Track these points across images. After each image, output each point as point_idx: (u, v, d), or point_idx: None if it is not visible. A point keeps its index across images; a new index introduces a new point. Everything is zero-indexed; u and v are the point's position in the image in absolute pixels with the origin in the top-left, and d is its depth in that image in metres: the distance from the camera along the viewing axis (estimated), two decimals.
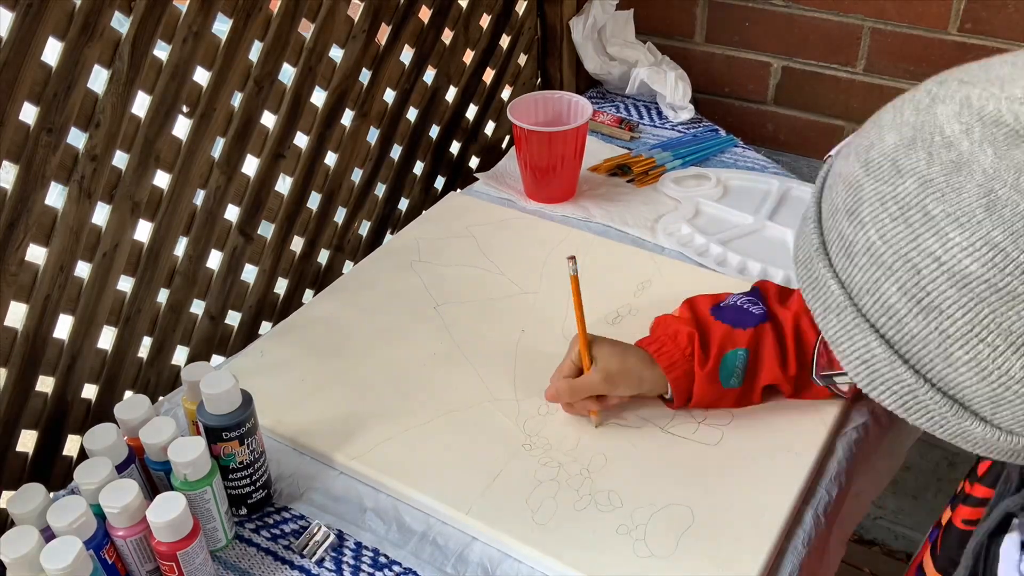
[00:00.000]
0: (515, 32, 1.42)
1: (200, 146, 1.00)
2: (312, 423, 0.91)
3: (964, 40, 1.27)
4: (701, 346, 0.86)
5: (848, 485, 0.87)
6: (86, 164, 0.89)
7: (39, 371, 0.91)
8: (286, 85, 1.08)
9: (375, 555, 0.80)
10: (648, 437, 0.88)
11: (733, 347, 0.86)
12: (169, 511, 0.71)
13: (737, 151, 1.35)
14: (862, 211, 0.49)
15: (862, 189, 0.49)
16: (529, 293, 1.07)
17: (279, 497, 0.86)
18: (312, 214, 1.20)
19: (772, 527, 0.79)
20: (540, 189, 1.24)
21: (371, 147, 1.25)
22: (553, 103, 1.25)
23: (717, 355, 0.86)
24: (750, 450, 0.86)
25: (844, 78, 1.39)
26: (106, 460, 0.75)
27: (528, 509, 0.81)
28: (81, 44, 0.84)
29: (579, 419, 0.90)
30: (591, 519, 0.80)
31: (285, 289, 1.20)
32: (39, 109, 0.84)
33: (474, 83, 1.39)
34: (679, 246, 1.15)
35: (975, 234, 0.44)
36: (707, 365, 0.85)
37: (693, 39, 1.48)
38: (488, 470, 0.85)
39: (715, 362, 0.86)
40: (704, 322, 0.88)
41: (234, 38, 0.99)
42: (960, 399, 0.49)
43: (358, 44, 1.15)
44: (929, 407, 0.49)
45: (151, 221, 0.99)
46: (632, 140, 1.39)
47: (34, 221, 0.86)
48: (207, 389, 0.77)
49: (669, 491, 0.83)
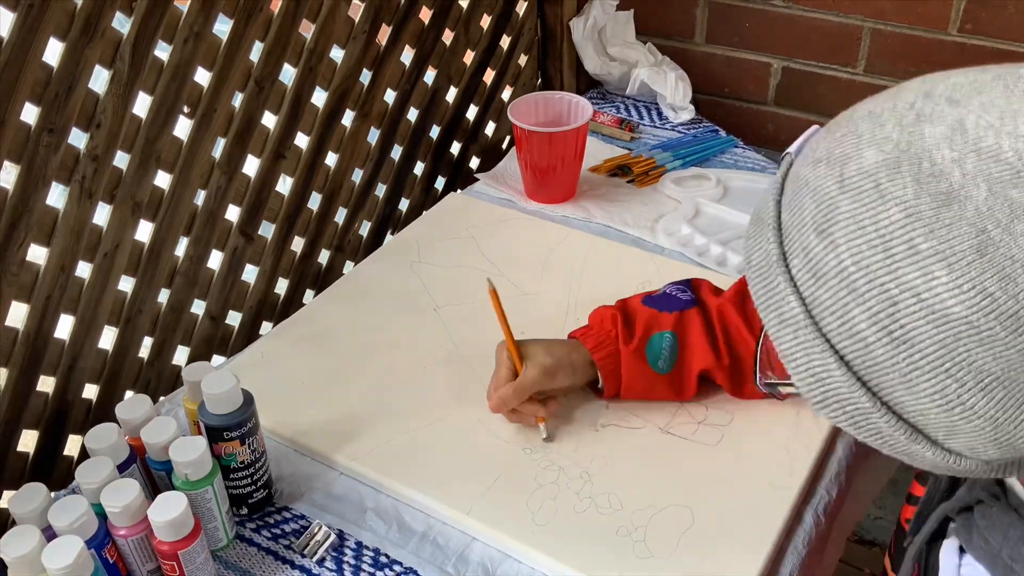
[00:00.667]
0: (515, 33, 1.42)
1: (201, 146, 1.00)
2: (313, 424, 0.91)
3: (964, 41, 1.27)
4: (625, 326, 0.87)
5: (848, 485, 0.87)
6: (87, 164, 0.89)
7: (40, 371, 0.91)
8: (287, 85, 1.08)
9: (376, 555, 0.80)
10: (648, 438, 0.88)
11: (659, 329, 0.87)
12: (170, 510, 0.71)
13: (737, 151, 1.35)
14: (834, 231, 0.46)
15: (836, 208, 0.46)
16: (529, 294, 1.07)
17: (280, 497, 0.86)
18: (313, 214, 1.20)
19: (772, 527, 0.79)
20: (540, 189, 1.24)
21: (371, 147, 1.25)
22: (553, 103, 1.25)
23: (642, 336, 0.87)
24: (750, 450, 0.86)
25: (844, 78, 1.39)
26: (107, 460, 0.75)
27: (528, 511, 0.81)
28: (82, 44, 0.85)
29: (579, 422, 0.90)
30: (591, 521, 0.80)
31: (286, 289, 1.20)
32: (40, 109, 0.84)
33: (474, 83, 1.39)
34: (679, 246, 1.15)
35: (963, 275, 0.42)
36: (631, 344, 0.86)
37: (693, 39, 1.48)
38: (488, 472, 0.85)
39: (640, 342, 0.86)
40: (631, 307, 0.90)
41: (235, 39, 0.99)
42: (915, 424, 0.47)
43: (359, 45, 1.15)
44: (881, 428, 0.48)
45: (152, 221, 0.99)
46: (632, 140, 1.39)
47: (35, 221, 0.86)
48: (208, 389, 0.77)
49: (669, 492, 0.83)
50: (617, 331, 0.87)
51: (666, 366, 0.87)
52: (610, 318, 0.89)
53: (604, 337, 0.88)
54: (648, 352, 0.87)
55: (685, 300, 0.89)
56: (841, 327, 0.46)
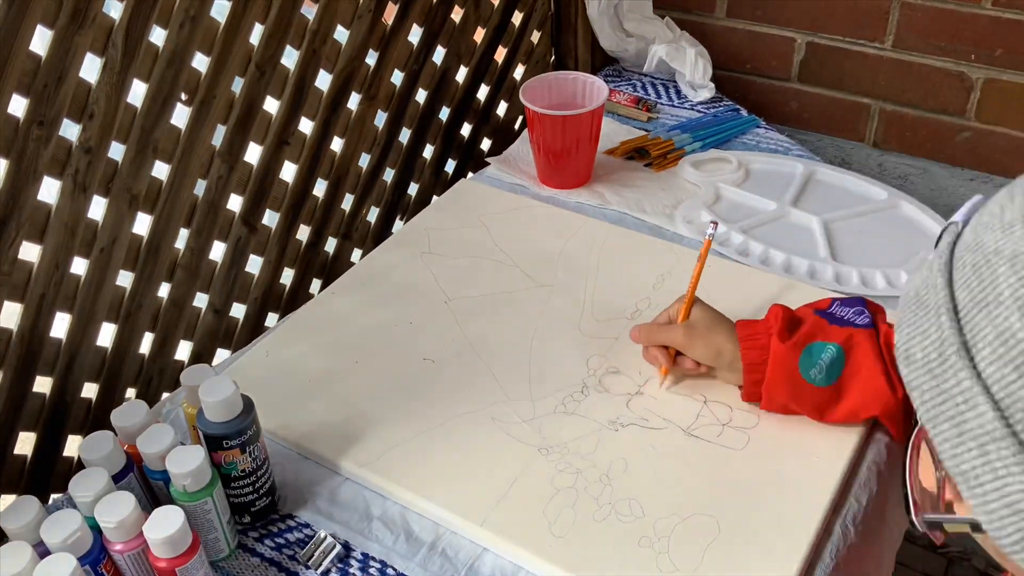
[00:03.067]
0: (527, 8, 1.37)
1: (200, 135, 0.96)
2: (318, 426, 0.87)
3: (999, 15, 1.21)
4: (787, 325, 0.82)
5: (884, 493, 0.82)
6: (80, 157, 0.85)
7: (36, 372, 0.88)
8: (289, 69, 1.04)
9: (383, 567, 0.76)
10: (670, 439, 0.84)
11: (824, 339, 0.80)
12: (167, 527, 0.68)
13: (760, 132, 1.30)
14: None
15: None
16: (545, 286, 1.03)
17: (284, 504, 0.82)
18: (318, 202, 1.16)
19: (803, 538, 0.75)
20: (554, 174, 1.20)
21: (379, 131, 1.21)
22: (567, 84, 1.20)
23: (803, 338, 0.80)
24: (778, 455, 0.82)
25: (872, 54, 1.33)
26: (102, 471, 0.72)
27: (545, 520, 0.78)
28: (72, 32, 0.80)
29: (597, 420, 0.86)
30: (612, 530, 0.76)
31: (291, 280, 1.17)
32: (29, 101, 0.80)
33: (485, 62, 1.34)
34: (699, 235, 1.10)
35: None
36: (787, 341, 0.80)
37: (714, 14, 1.42)
38: (503, 477, 0.81)
39: (798, 343, 0.80)
40: (800, 312, 0.85)
41: (233, 21, 0.95)
42: None
43: (364, 24, 1.10)
44: None
45: (150, 214, 0.95)
46: (649, 121, 1.34)
47: (27, 218, 0.83)
48: (206, 396, 0.74)
49: (693, 499, 0.79)
50: (778, 326, 0.81)
51: (821, 378, 0.80)
52: (773, 314, 0.83)
53: (760, 328, 0.83)
54: (803, 357, 0.80)
55: (862, 323, 0.82)
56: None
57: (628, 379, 0.90)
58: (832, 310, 0.84)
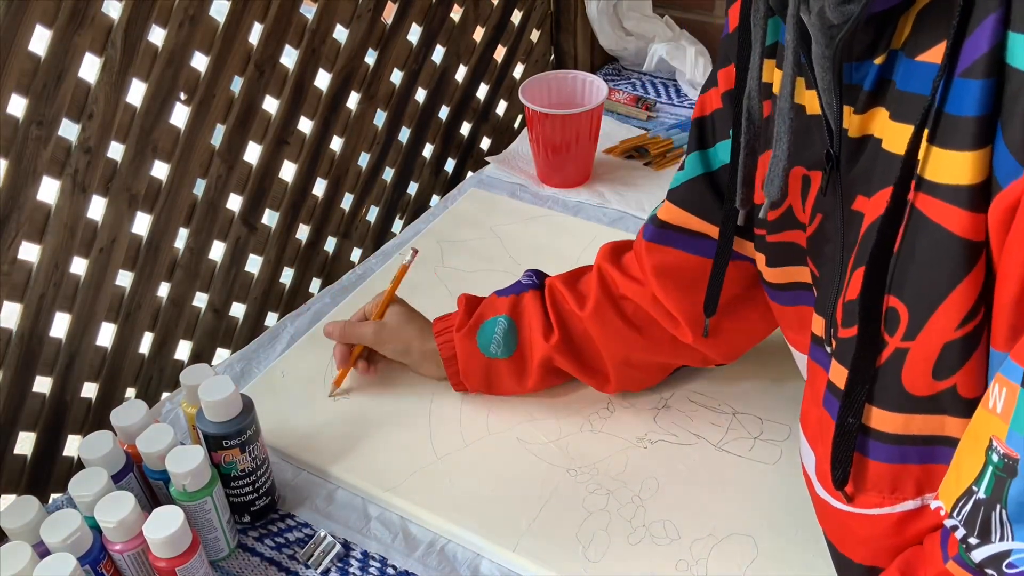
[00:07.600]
0: (527, 7, 1.37)
1: (199, 134, 0.96)
2: (341, 452, 0.85)
3: None
4: (468, 312, 0.86)
5: None
6: (79, 157, 0.85)
7: (35, 372, 0.88)
8: (288, 68, 1.04)
9: (382, 565, 0.77)
10: (700, 455, 0.83)
11: (494, 313, 0.85)
12: (166, 527, 0.68)
13: None
14: None
15: None
16: None
17: (283, 503, 0.83)
18: (318, 201, 1.16)
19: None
20: (553, 173, 1.20)
21: (378, 130, 1.21)
22: (567, 83, 1.20)
23: (476, 319, 0.85)
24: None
25: None
26: (101, 471, 0.72)
27: (579, 544, 0.76)
28: (71, 32, 0.80)
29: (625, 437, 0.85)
30: (647, 554, 0.75)
31: (291, 279, 1.17)
32: (28, 101, 0.80)
33: (485, 61, 1.34)
34: None
35: None
36: (464, 327, 0.85)
37: (713, 12, 1.42)
38: (533, 497, 0.80)
39: (472, 326, 0.85)
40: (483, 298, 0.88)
41: (233, 21, 0.95)
42: None
43: (363, 23, 1.10)
44: None
45: (150, 213, 0.95)
46: (649, 120, 1.34)
47: (26, 218, 0.83)
48: (206, 396, 0.74)
49: (729, 519, 0.77)
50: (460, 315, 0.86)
51: (500, 351, 0.84)
52: (460, 302, 0.87)
53: (449, 323, 0.87)
54: (480, 335, 0.84)
55: (525, 284, 0.87)
56: None
57: (653, 392, 0.89)
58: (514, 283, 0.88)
